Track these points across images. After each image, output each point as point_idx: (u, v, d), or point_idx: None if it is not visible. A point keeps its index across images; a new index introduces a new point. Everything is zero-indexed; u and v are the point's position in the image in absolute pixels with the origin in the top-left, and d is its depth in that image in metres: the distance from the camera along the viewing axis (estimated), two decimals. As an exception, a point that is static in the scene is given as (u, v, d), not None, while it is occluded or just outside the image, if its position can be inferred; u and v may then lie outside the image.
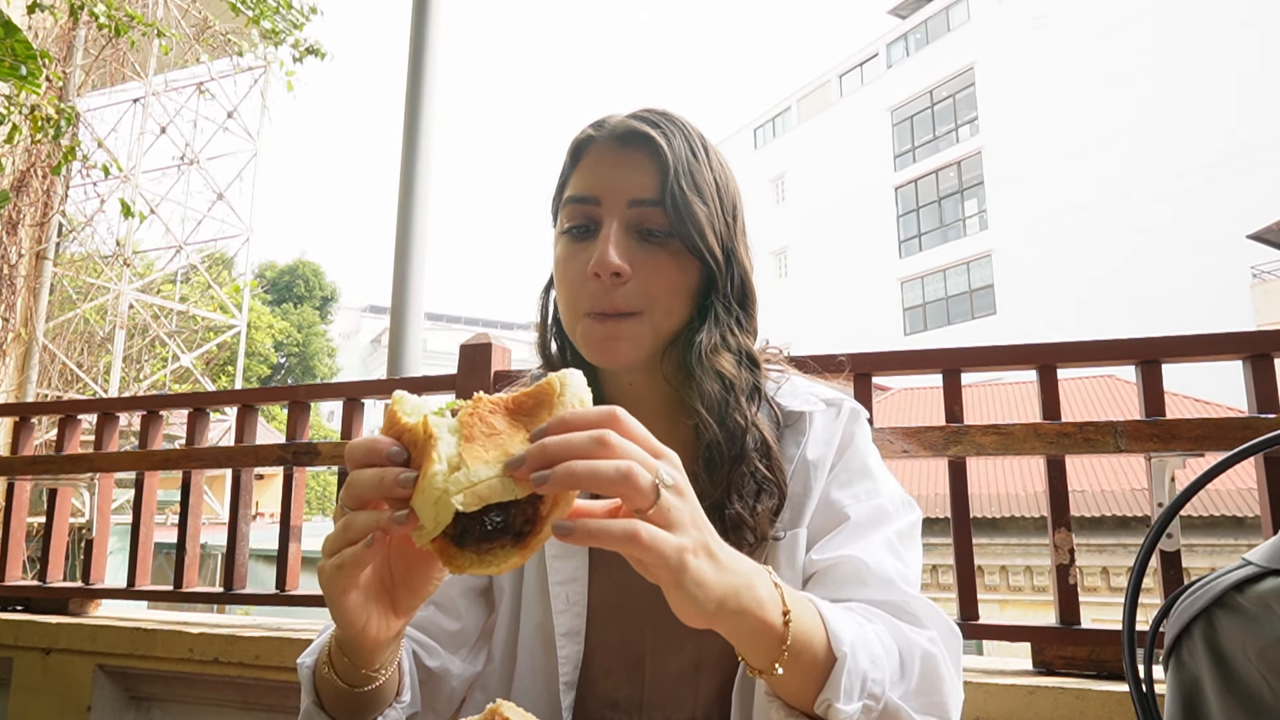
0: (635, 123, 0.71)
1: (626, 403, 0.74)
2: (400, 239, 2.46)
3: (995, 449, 1.26)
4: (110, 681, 1.71)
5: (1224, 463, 0.61)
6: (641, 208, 0.69)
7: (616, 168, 0.70)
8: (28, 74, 1.58)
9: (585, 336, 0.70)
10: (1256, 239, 14.86)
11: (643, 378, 0.75)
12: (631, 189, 0.69)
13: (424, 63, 2.57)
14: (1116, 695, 1.12)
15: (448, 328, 37.64)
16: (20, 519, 2.00)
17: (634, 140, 0.70)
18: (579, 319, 0.71)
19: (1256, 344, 1.21)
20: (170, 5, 7.02)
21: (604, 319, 0.69)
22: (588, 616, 0.74)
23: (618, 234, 0.68)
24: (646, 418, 0.73)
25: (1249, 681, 0.51)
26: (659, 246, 0.69)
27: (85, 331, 7.77)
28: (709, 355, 0.70)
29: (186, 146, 9.12)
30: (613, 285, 0.68)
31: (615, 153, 0.71)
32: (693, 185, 0.70)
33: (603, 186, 0.70)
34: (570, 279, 0.71)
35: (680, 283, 0.70)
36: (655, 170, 0.69)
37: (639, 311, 0.69)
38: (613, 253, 0.67)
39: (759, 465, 0.70)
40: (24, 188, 4.97)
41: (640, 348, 0.70)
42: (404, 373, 2.36)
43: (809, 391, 0.77)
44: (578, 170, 0.73)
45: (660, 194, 0.69)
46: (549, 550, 0.74)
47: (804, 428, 0.75)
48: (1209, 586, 0.56)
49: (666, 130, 0.70)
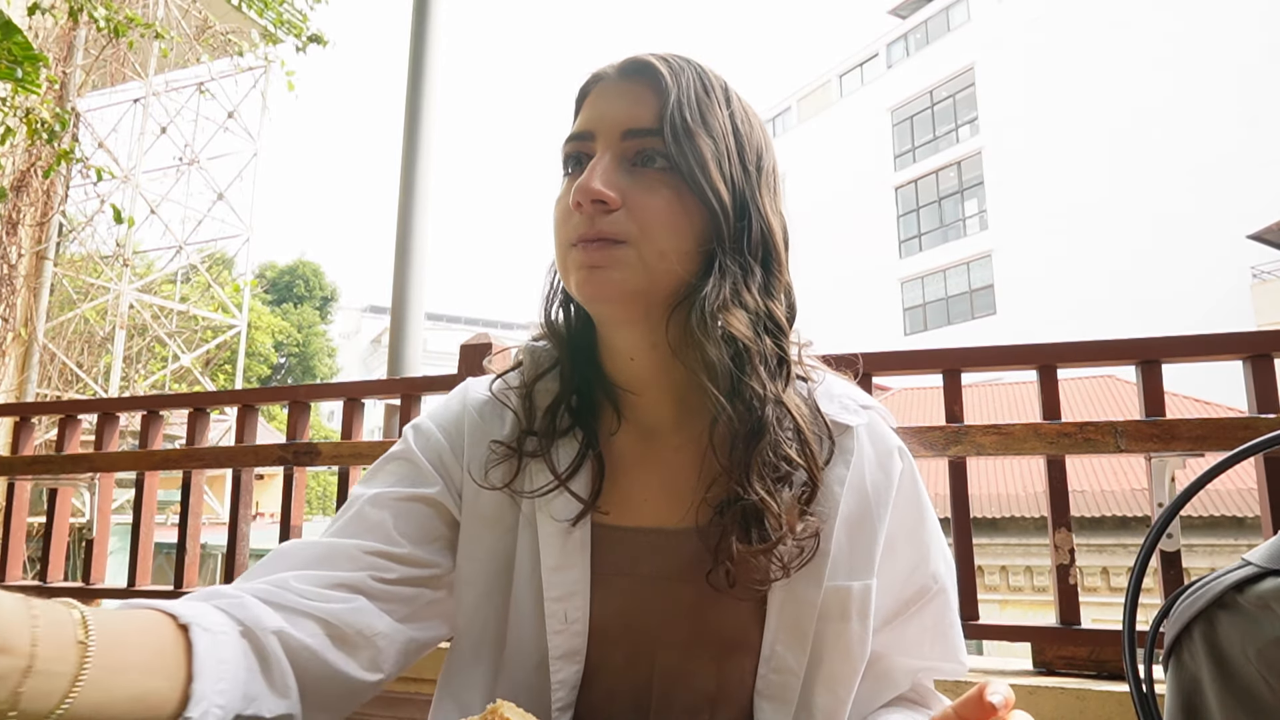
0: (643, 55, 0.66)
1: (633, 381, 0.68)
2: (400, 239, 2.46)
3: (995, 449, 1.26)
4: (110, 681, 1.71)
5: (1224, 463, 0.61)
6: (637, 138, 0.63)
7: (615, 99, 0.65)
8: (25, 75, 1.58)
9: (572, 265, 0.63)
10: (1256, 239, 14.86)
11: (645, 353, 0.66)
12: (626, 119, 0.63)
13: (424, 63, 2.57)
14: (1116, 695, 1.12)
15: (448, 328, 37.64)
16: (20, 519, 2.00)
17: (636, 71, 0.65)
18: (565, 251, 0.64)
19: (1256, 344, 1.21)
20: (170, 5, 7.02)
21: (587, 246, 0.61)
22: (589, 636, 0.65)
23: (607, 163, 0.62)
24: (654, 403, 0.68)
25: (1249, 681, 0.51)
26: (655, 178, 0.62)
27: (85, 331, 7.77)
28: (714, 314, 0.61)
29: (186, 147, 9.12)
30: (597, 213, 0.61)
31: (615, 85, 0.66)
32: (699, 118, 0.63)
33: (598, 119, 0.65)
34: (558, 213, 0.65)
35: (678, 220, 0.62)
36: (656, 101, 0.64)
37: (625, 240, 0.61)
38: (597, 178, 0.61)
39: (785, 446, 0.61)
40: (24, 187, 4.97)
41: (629, 279, 0.61)
42: (404, 373, 2.36)
43: (846, 395, 0.69)
44: (580, 111, 0.68)
45: (658, 123, 0.62)
46: (546, 561, 0.65)
47: (852, 445, 0.66)
48: (1209, 587, 0.56)
49: (675, 64, 0.65)
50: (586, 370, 0.70)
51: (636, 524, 0.67)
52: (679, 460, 0.67)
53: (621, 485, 0.68)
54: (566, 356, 0.69)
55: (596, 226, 0.61)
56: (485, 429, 0.70)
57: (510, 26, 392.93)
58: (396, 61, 2.70)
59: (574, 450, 0.67)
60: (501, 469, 0.67)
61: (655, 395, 0.68)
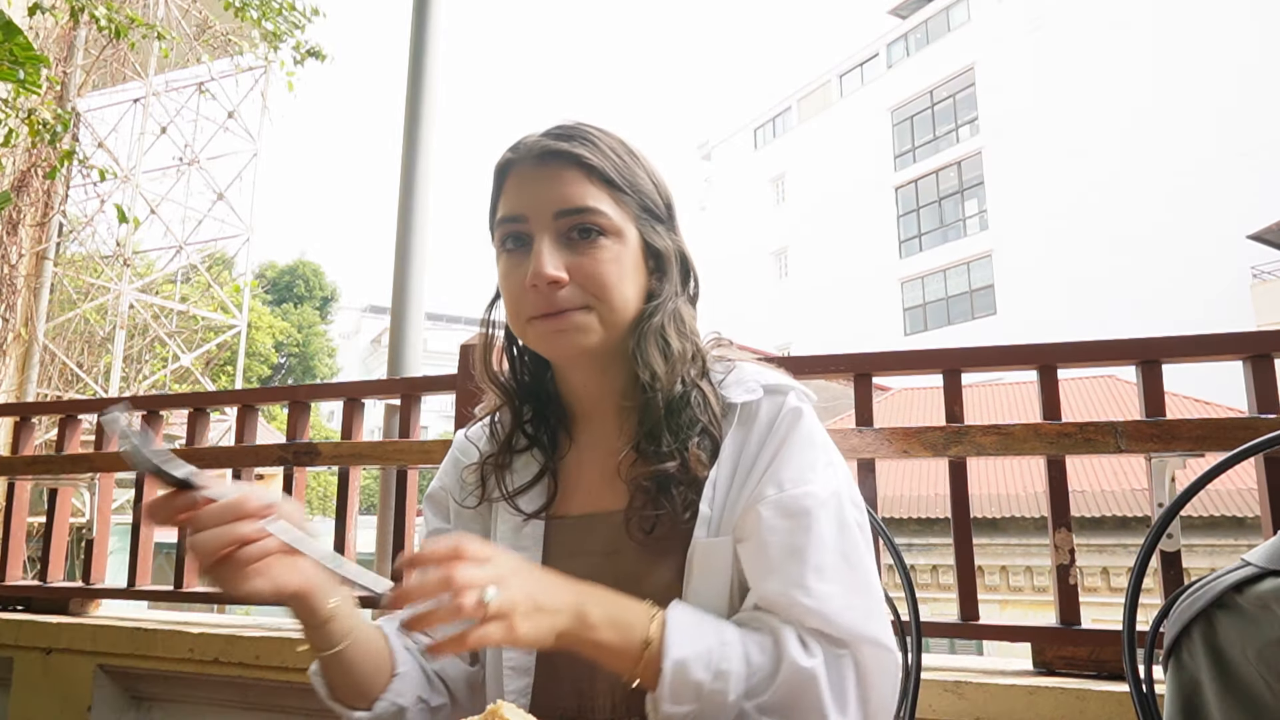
0: (549, 140, 0.75)
1: (583, 405, 0.83)
2: (400, 239, 2.46)
3: (996, 449, 1.26)
4: (111, 681, 1.71)
5: (1224, 463, 0.61)
6: (567, 217, 0.73)
7: (538, 184, 0.74)
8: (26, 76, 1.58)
9: (536, 337, 0.75)
10: (1256, 239, 14.86)
11: (595, 379, 0.79)
12: (555, 201, 0.73)
13: (424, 63, 2.57)
14: (1117, 695, 1.12)
15: (448, 328, 37.61)
16: (21, 519, 2.00)
17: (551, 158, 0.74)
18: (525, 326, 0.75)
19: (1256, 344, 1.21)
20: (170, 5, 7.02)
21: (549, 318, 0.73)
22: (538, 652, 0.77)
23: (549, 245, 0.73)
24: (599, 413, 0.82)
25: (1248, 681, 0.51)
26: (595, 248, 0.73)
27: (85, 331, 7.77)
28: (658, 334, 0.76)
29: (186, 147, 9.11)
30: (551, 291, 0.72)
31: (535, 170, 0.75)
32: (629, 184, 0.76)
33: (528, 204, 0.74)
34: (512, 291, 0.75)
35: (623, 278, 0.74)
36: (577, 179, 0.74)
37: (583, 306, 0.73)
38: (546, 263, 0.71)
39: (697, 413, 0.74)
40: (25, 188, 4.97)
41: (589, 336, 0.74)
42: (404, 373, 2.36)
43: (754, 378, 0.77)
44: (504, 194, 0.77)
45: (588, 200, 0.73)
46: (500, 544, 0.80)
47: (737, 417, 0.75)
48: (1208, 587, 0.56)
49: (583, 139, 0.75)
50: (540, 399, 0.84)
51: (580, 511, 0.80)
52: (614, 452, 0.78)
53: (572, 484, 0.82)
54: (513, 401, 0.83)
55: (553, 302, 0.72)
56: (463, 461, 0.88)
57: (510, 27, 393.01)
58: (396, 61, 2.70)
59: (533, 467, 0.82)
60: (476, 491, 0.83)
61: (599, 407, 0.81)
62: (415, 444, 1.62)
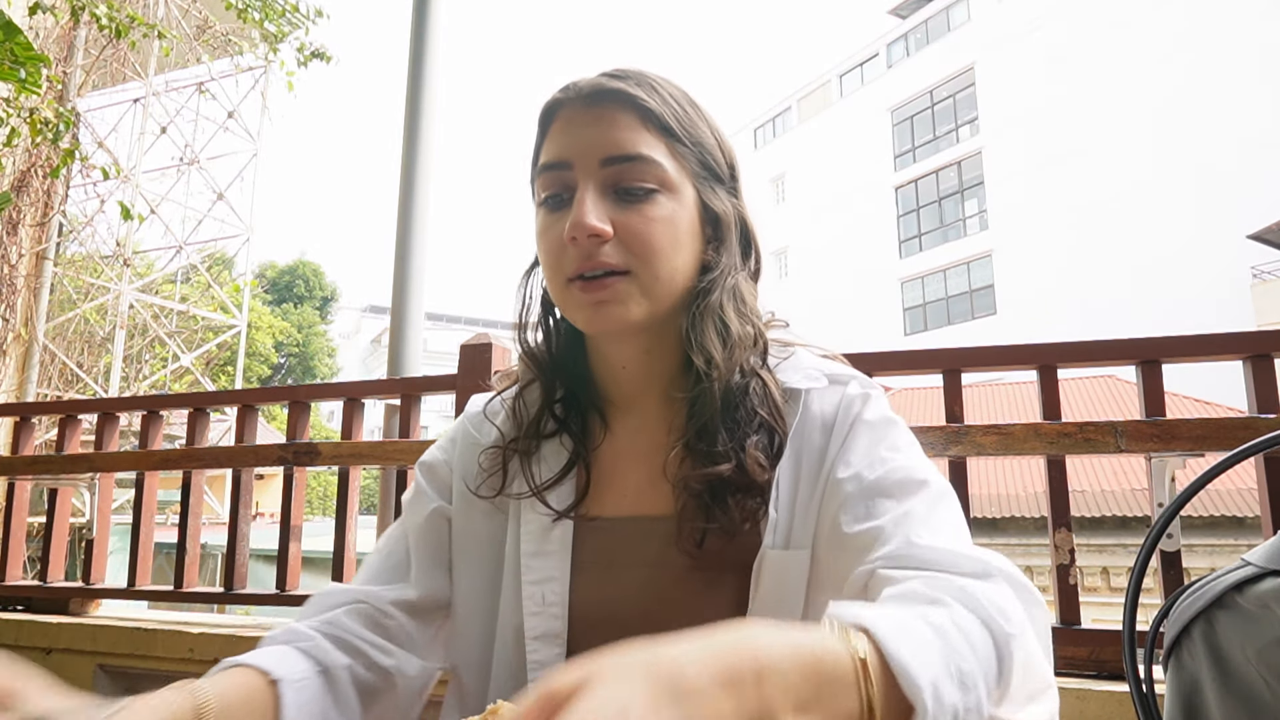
0: (605, 79, 0.66)
1: (622, 390, 0.72)
2: (400, 239, 2.46)
3: (996, 449, 1.26)
4: (111, 681, 1.71)
5: (1224, 463, 0.61)
6: (617, 165, 0.65)
7: (586, 127, 0.65)
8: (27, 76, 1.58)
9: (574, 304, 0.66)
10: (1256, 239, 14.86)
11: (638, 360, 0.70)
12: (605, 147, 0.65)
13: (424, 62, 2.57)
14: (1117, 695, 1.12)
15: (448, 328, 37.63)
16: (21, 519, 2.00)
17: (604, 98, 0.66)
18: (564, 287, 0.66)
19: (1256, 344, 1.21)
20: (170, 5, 7.02)
21: (589, 284, 0.64)
22: (570, 620, 0.67)
23: (594, 195, 0.64)
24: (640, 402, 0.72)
25: (1248, 681, 0.51)
26: (645, 203, 0.65)
27: (85, 331, 7.77)
28: (713, 313, 0.67)
29: (186, 147, 9.12)
30: (592, 246, 0.64)
31: (584, 112, 0.66)
32: (689, 136, 0.68)
33: (573, 148, 0.66)
34: (550, 247, 0.67)
35: (673, 241, 0.66)
36: (631, 124, 0.65)
37: (626, 270, 0.64)
38: (589, 213, 0.63)
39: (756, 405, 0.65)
40: (24, 188, 4.97)
41: (631, 309, 0.65)
42: (404, 373, 2.36)
43: (813, 366, 0.70)
44: (548, 137, 0.68)
45: (640, 147, 0.65)
46: (525, 548, 0.70)
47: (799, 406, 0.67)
48: (1208, 587, 0.56)
49: (640, 82, 0.67)
50: (573, 379, 0.74)
51: (617, 514, 0.70)
52: (658, 448, 0.69)
53: (607, 480, 0.71)
54: (546, 375, 0.73)
55: (594, 259, 0.64)
56: (476, 438, 0.76)
57: (510, 26, 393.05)
58: (396, 61, 2.70)
59: (561, 457, 0.71)
60: (492, 479, 0.72)
61: (642, 395, 0.72)
62: (415, 444, 1.62)
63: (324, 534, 1.35)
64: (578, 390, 0.74)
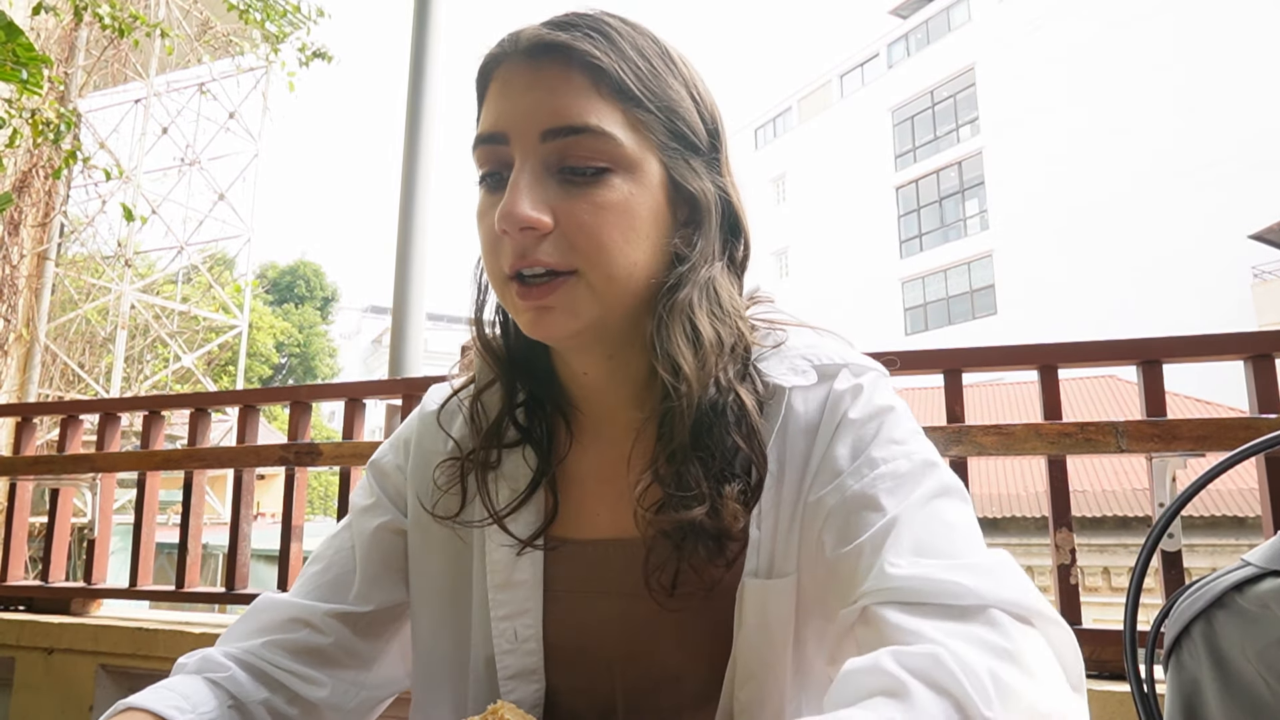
0: (548, 30, 0.54)
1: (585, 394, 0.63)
2: (401, 239, 2.46)
3: (996, 449, 1.26)
4: (112, 681, 1.71)
5: (1225, 463, 0.61)
6: (559, 139, 0.52)
7: (525, 92, 0.53)
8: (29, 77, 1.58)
9: (513, 308, 0.56)
10: (1257, 239, 14.84)
11: (600, 366, 0.60)
12: (544, 116, 0.52)
13: (425, 62, 2.57)
14: (1118, 695, 1.12)
15: (448, 328, 37.61)
16: (22, 519, 2.01)
17: (545, 53, 0.53)
18: (503, 285, 0.56)
19: (1257, 344, 1.21)
20: (172, 6, 7.03)
21: (527, 287, 0.54)
22: (545, 654, 0.61)
23: (530, 177, 0.53)
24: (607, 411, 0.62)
25: (1248, 682, 0.51)
26: (590, 185, 0.53)
27: (87, 332, 7.78)
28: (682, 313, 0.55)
29: (188, 147, 9.13)
30: (527, 240, 0.53)
31: (524, 72, 0.54)
32: (656, 97, 0.55)
33: (510, 119, 0.54)
34: (485, 237, 0.56)
35: (629, 233, 0.54)
36: (579, 87, 0.53)
37: (571, 270, 0.53)
38: (523, 201, 0.52)
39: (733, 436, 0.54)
40: (26, 188, 4.97)
41: (578, 315, 0.54)
42: (405, 373, 2.37)
43: (802, 355, 0.60)
44: (485, 102, 0.56)
45: (585, 117, 0.52)
46: (491, 580, 0.62)
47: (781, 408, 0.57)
48: (1209, 587, 0.56)
49: (592, 31, 0.54)
50: (535, 381, 0.64)
51: (591, 536, 0.62)
52: (630, 467, 0.59)
53: (574, 497, 0.63)
54: (504, 374, 0.63)
55: (531, 256, 0.53)
56: (431, 445, 0.67)
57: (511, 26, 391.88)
58: (397, 61, 2.70)
59: (524, 473, 0.62)
60: (447, 499, 0.63)
61: (608, 403, 0.62)
62: (416, 444, 1.62)
63: (325, 534, 1.34)
64: (540, 394, 0.64)
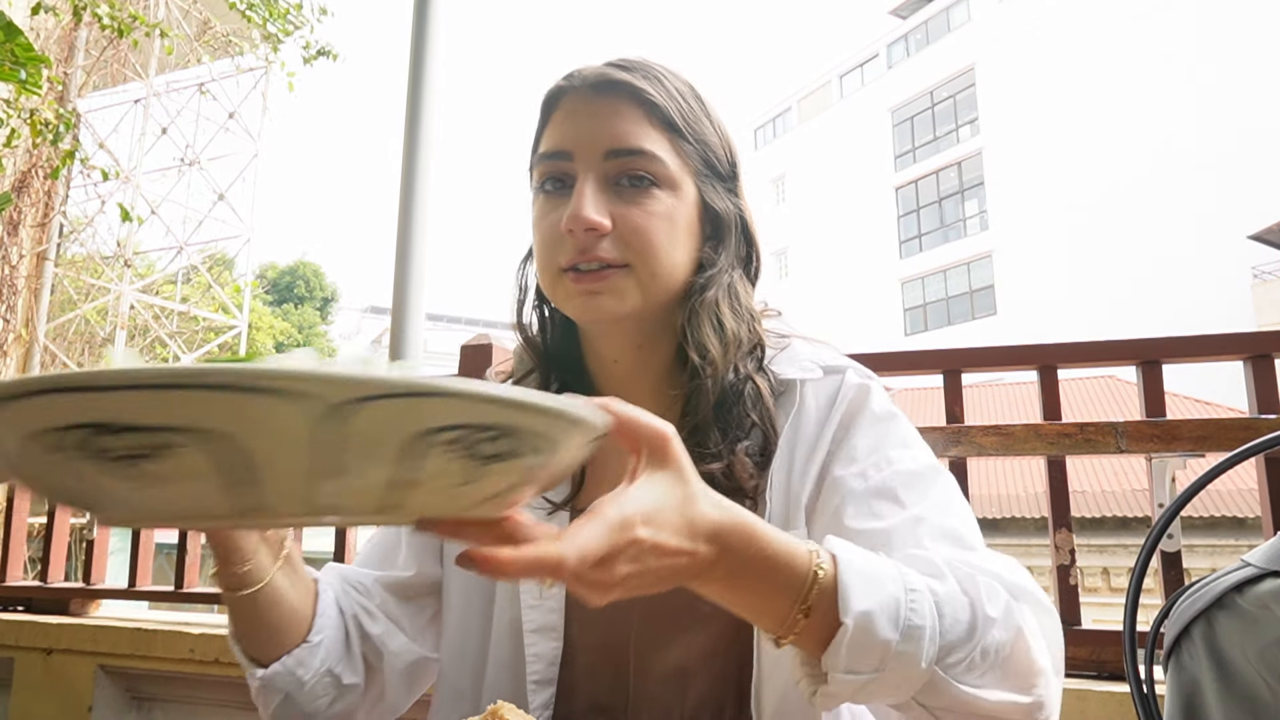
0: (610, 70, 0.66)
1: (613, 384, 0.72)
2: (400, 239, 2.46)
3: (996, 449, 1.26)
4: (111, 682, 1.71)
5: (1225, 463, 0.61)
6: (619, 158, 0.64)
7: (590, 118, 0.65)
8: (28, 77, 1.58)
9: (565, 294, 0.66)
10: (1257, 239, 14.86)
11: (630, 354, 0.70)
12: (607, 139, 0.64)
13: (425, 62, 2.57)
14: (1117, 696, 1.12)
15: (448, 328, 37.62)
16: (21, 520, 2.00)
17: (609, 89, 0.65)
18: (556, 277, 0.66)
19: (1257, 344, 1.21)
20: (171, 6, 7.03)
21: (582, 275, 0.64)
22: (566, 614, 0.69)
23: (593, 187, 0.64)
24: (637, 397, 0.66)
25: (1248, 682, 0.51)
26: (645, 198, 0.65)
27: (86, 332, 7.78)
28: (709, 311, 0.66)
29: (187, 147, 9.12)
30: (589, 239, 0.63)
31: (588, 102, 0.66)
32: (693, 132, 0.67)
33: (575, 139, 0.65)
34: (545, 235, 0.66)
35: (672, 237, 0.65)
36: (635, 117, 0.65)
37: (623, 264, 0.64)
38: (588, 205, 0.62)
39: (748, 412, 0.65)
40: (25, 188, 4.97)
41: (625, 301, 0.64)
42: (405, 373, 2.36)
43: (809, 357, 0.70)
44: (550, 125, 0.68)
45: (644, 142, 0.64)
46: None
47: (795, 399, 0.68)
48: (1208, 588, 0.56)
49: (645, 74, 0.66)
50: (567, 372, 0.74)
51: None
52: None
53: (600, 472, 0.71)
54: (542, 363, 0.73)
55: (590, 252, 0.63)
56: None
57: (510, 26, 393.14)
58: (397, 61, 2.70)
59: None
60: None
61: (633, 389, 0.71)
62: (416, 444, 1.61)
63: (324, 534, 1.35)
64: (572, 383, 0.73)
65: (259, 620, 0.64)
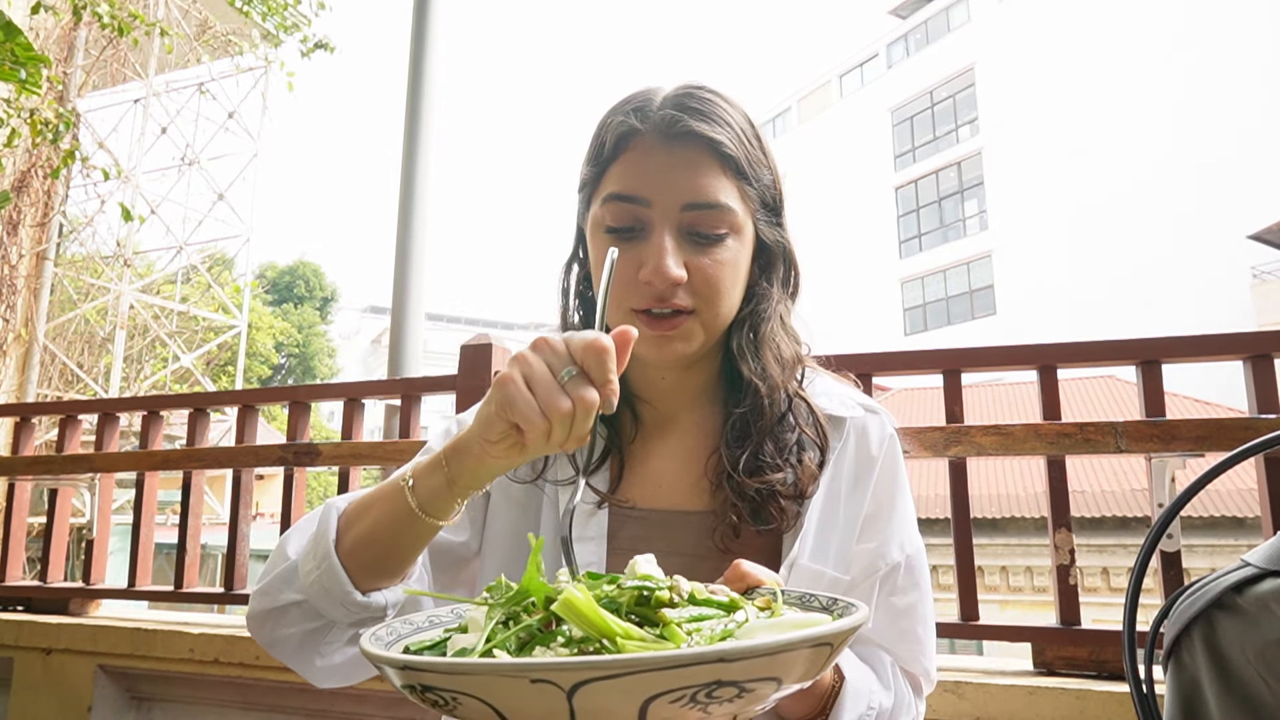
0: (683, 116, 0.67)
1: (656, 395, 0.77)
2: (400, 239, 2.46)
3: (996, 449, 1.26)
4: (111, 681, 1.71)
5: (1224, 463, 0.61)
6: (697, 211, 0.67)
7: (668, 169, 0.67)
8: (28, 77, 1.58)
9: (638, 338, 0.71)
10: (1257, 239, 14.85)
11: (675, 375, 0.75)
12: (686, 193, 0.67)
13: (425, 62, 2.57)
14: (1117, 696, 1.12)
15: (448, 328, 37.62)
16: (21, 519, 2.00)
17: (685, 139, 0.67)
18: (628, 316, 0.69)
19: (1257, 344, 1.21)
20: (171, 5, 7.02)
21: (656, 320, 0.68)
22: None
23: (672, 239, 0.67)
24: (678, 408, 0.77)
25: (1248, 682, 0.51)
26: (714, 246, 0.68)
27: (86, 332, 7.77)
28: (761, 336, 0.72)
29: (187, 147, 9.12)
30: (666, 290, 0.67)
31: (664, 151, 0.67)
32: (757, 176, 0.70)
33: (653, 189, 0.67)
34: (621, 279, 0.69)
35: (736, 280, 0.70)
36: (711, 169, 0.68)
37: (692, 310, 0.69)
38: (670, 261, 0.66)
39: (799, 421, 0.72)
40: (25, 188, 4.97)
41: (692, 344, 0.70)
42: (404, 373, 2.37)
43: (844, 394, 0.77)
44: (621, 164, 0.69)
45: (717, 195, 0.67)
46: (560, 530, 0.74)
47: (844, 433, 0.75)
48: (1208, 588, 0.56)
49: (715, 117, 0.68)
50: None
51: (650, 505, 0.74)
52: (694, 450, 0.75)
53: (639, 472, 0.76)
54: None
55: (667, 300, 0.67)
56: None
57: (510, 26, 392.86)
58: (397, 61, 2.70)
59: (597, 445, 0.73)
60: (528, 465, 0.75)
61: (676, 399, 0.76)
62: (415, 444, 1.62)
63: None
64: None
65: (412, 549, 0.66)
